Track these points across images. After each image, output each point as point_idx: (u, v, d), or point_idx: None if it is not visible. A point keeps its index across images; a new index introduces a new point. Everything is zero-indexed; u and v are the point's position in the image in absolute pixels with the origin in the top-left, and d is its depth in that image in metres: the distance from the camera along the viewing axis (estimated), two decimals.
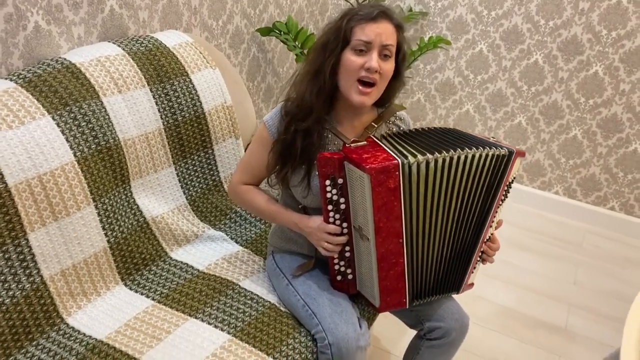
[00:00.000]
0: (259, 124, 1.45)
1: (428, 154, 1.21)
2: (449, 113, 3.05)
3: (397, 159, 1.18)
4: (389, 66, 1.28)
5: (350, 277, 1.39)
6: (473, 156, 1.24)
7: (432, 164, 1.21)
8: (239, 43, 2.36)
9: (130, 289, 1.48)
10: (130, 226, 1.53)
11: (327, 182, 1.26)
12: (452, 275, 1.39)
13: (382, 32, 1.25)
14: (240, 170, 1.48)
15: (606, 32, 2.55)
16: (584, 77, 2.67)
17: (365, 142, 1.29)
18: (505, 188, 1.32)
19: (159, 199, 1.65)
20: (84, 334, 1.33)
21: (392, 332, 2.08)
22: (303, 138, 1.32)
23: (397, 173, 1.18)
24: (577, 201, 2.93)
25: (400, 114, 1.47)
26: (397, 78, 1.34)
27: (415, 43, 2.77)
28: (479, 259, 1.41)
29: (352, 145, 1.28)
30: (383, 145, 1.26)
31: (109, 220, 1.46)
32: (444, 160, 1.21)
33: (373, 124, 1.40)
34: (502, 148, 1.27)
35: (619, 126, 2.68)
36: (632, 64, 2.54)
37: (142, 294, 1.47)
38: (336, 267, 1.38)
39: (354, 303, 1.44)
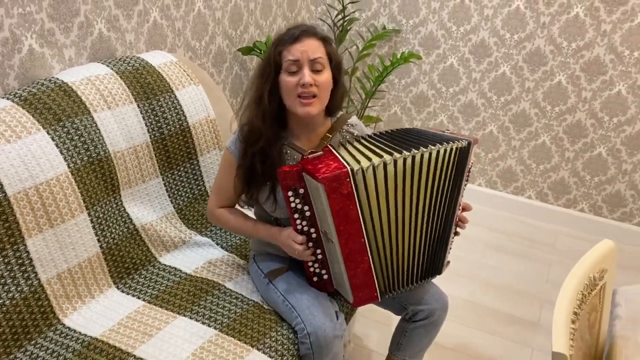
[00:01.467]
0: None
1: (386, 156, 1.29)
2: (424, 124, 3.20)
3: (346, 167, 1.26)
4: (324, 77, 1.39)
5: (325, 277, 1.48)
6: (438, 152, 1.33)
7: (390, 165, 1.29)
8: (221, 62, 2.49)
9: (122, 291, 1.58)
10: (121, 233, 1.63)
11: (290, 193, 1.35)
12: (432, 261, 1.49)
13: (306, 48, 1.36)
14: (215, 195, 1.59)
15: (567, 44, 2.71)
16: (549, 86, 2.83)
17: (321, 152, 1.38)
18: (467, 173, 1.43)
19: (148, 207, 1.76)
20: (80, 333, 1.42)
21: (374, 330, 2.18)
22: (261, 160, 1.43)
23: (348, 179, 1.26)
24: (548, 204, 3.07)
25: (351, 121, 1.57)
26: (337, 86, 1.45)
27: (388, 59, 2.92)
28: (452, 239, 1.52)
29: (309, 156, 1.36)
30: (337, 154, 1.35)
31: (101, 227, 1.56)
32: (404, 160, 1.30)
33: (327, 134, 1.51)
34: (460, 140, 1.37)
35: (584, 131, 2.84)
36: (592, 73, 2.71)
37: (133, 295, 1.56)
38: (311, 269, 1.48)
39: (333, 298, 1.55)
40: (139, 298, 1.55)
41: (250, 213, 1.74)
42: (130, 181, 1.70)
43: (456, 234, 1.53)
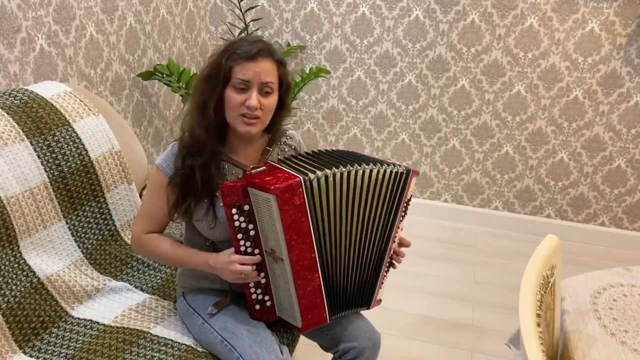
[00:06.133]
0: (151, 168, 1.42)
1: (326, 170, 1.26)
2: (338, 139, 3.18)
3: (298, 177, 1.22)
4: (271, 101, 1.32)
5: (268, 303, 1.38)
6: (371, 171, 1.30)
7: (330, 178, 1.25)
8: (120, 89, 2.31)
9: (31, 355, 1.37)
10: (23, 289, 1.43)
11: (234, 210, 1.26)
12: (363, 289, 1.42)
13: (260, 70, 1.28)
14: (141, 220, 1.43)
15: (466, 49, 2.80)
16: (453, 91, 2.90)
17: (264, 167, 1.32)
18: (405, 205, 1.40)
19: (52, 256, 1.56)
20: None
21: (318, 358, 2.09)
22: (202, 170, 1.33)
23: (300, 189, 1.22)
24: (464, 206, 3.14)
25: (289, 133, 1.52)
26: (282, 108, 1.39)
27: (297, 75, 2.87)
28: (385, 273, 1.46)
29: (252, 171, 1.30)
30: (282, 167, 1.30)
31: None
32: (341, 175, 1.27)
33: (267, 147, 1.44)
34: (399, 166, 1.35)
35: (490, 132, 2.94)
36: (492, 76, 2.82)
37: (44, 359, 1.36)
38: (253, 296, 1.37)
39: (272, 331, 1.44)
40: None
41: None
42: (29, 229, 1.49)
43: (392, 266, 1.48)
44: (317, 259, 1.28)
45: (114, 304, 1.57)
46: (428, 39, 2.84)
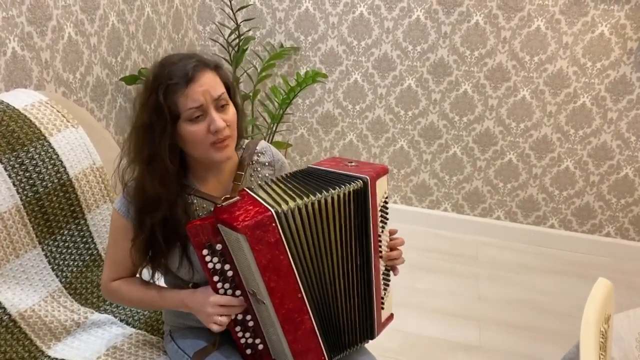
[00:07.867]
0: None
1: (298, 200, 1.10)
2: (334, 145, 3.02)
3: (270, 210, 1.05)
4: (231, 113, 1.16)
5: (260, 347, 1.23)
6: (339, 196, 1.14)
7: (303, 210, 1.10)
8: (102, 95, 2.13)
9: None
10: None
11: (205, 251, 1.11)
12: (360, 320, 1.27)
13: (207, 87, 1.10)
14: (108, 267, 1.28)
15: (469, 52, 2.67)
16: (455, 96, 2.77)
17: (238, 197, 1.14)
18: (380, 211, 1.24)
19: (26, 288, 1.38)
20: None
21: None
22: (162, 226, 1.16)
23: (274, 225, 1.05)
24: (465, 215, 3.01)
25: (260, 148, 1.34)
26: (237, 113, 1.20)
27: (292, 79, 2.71)
28: (384, 288, 1.31)
29: (224, 204, 1.13)
30: (256, 196, 1.13)
31: None
32: (312, 205, 1.11)
33: (239, 172, 1.27)
34: (356, 181, 1.17)
35: (493, 139, 2.81)
36: (496, 80, 2.69)
37: None
38: (242, 340, 1.21)
39: None
40: None
41: (160, 282, 1.42)
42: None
43: (392, 271, 1.34)
44: (306, 299, 1.13)
45: (96, 341, 1.41)
46: (429, 42, 2.70)
